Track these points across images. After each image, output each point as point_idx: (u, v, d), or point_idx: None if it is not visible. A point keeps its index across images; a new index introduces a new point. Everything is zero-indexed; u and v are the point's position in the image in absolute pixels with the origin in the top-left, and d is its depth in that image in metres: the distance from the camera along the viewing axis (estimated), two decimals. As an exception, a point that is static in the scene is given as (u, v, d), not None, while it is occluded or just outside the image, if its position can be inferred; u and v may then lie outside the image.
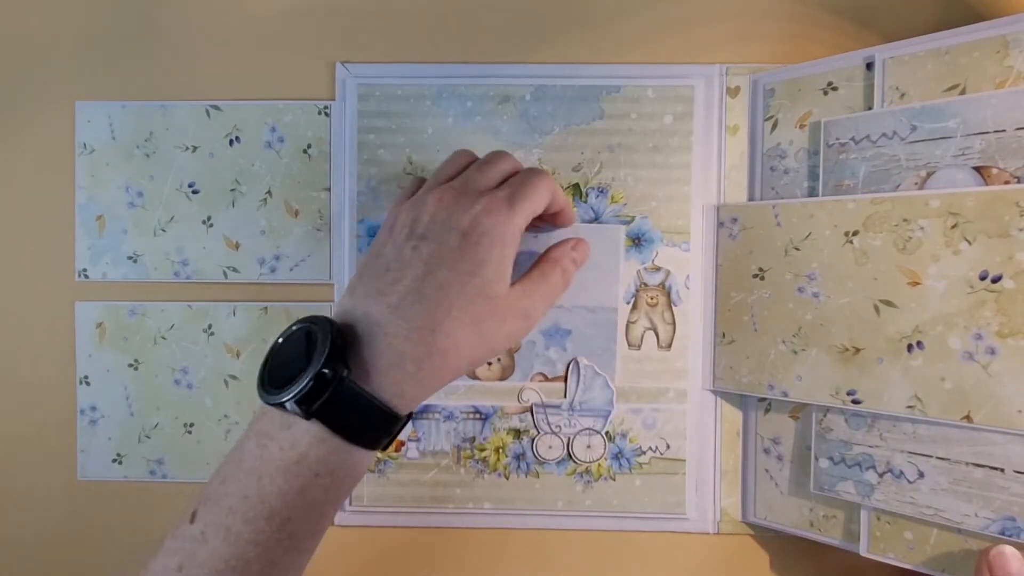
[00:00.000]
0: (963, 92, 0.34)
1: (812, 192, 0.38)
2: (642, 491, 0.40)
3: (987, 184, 0.33)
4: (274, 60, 0.41)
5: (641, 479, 0.40)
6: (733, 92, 0.40)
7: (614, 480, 0.40)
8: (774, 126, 0.40)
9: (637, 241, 0.40)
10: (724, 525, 0.41)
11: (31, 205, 0.42)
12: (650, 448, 0.40)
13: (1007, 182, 0.32)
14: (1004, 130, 0.32)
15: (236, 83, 0.41)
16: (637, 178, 0.40)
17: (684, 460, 0.40)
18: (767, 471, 0.40)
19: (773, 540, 0.41)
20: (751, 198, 0.40)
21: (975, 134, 0.33)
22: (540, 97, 0.40)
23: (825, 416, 0.37)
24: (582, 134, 0.40)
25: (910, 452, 0.35)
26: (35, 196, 0.42)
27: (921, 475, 0.34)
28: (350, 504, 0.41)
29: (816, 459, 0.37)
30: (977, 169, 0.33)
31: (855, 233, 0.35)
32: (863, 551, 0.36)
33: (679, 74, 0.40)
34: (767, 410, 0.40)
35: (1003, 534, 0.32)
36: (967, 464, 0.33)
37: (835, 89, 0.38)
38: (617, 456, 0.40)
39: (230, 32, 0.41)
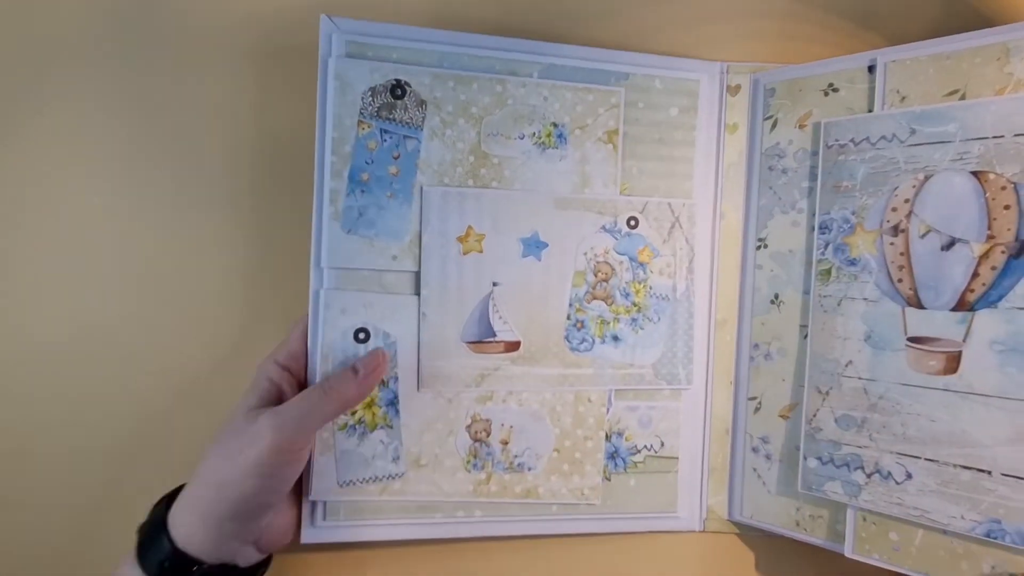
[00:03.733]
0: (963, 97, 0.34)
1: (811, 192, 0.38)
2: (636, 491, 0.39)
3: (984, 188, 0.33)
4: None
5: (636, 479, 0.39)
6: (733, 90, 0.40)
7: (609, 480, 0.39)
8: (773, 125, 0.40)
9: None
10: (710, 523, 0.41)
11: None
12: (645, 447, 0.40)
13: (1004, 187, 0.32)
14: (1003, 136, 0.32)
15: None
16: (642, 170, 0.39)
17: (677, 458, 0.40)
18: (755, 470, 0.40)
19: (759, 539, 0.41)
20: (748, 197, 0.40)
21: (974, 139, 0.33)
22: (548, 76, 0.38)
23: (815, 416, 0.37)
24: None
25: (899, 453, 0.35)
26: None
27: (909, 476, 0.34)
28: (324, 519, 0.36)
29: (805, 458, 0.37)
30: (975, 174, 0.33)
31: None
32: (848, 552, 0.36)
33: (686, 67, 0.40)
34: (757, 409, 0.40)
35: (988, 536, 0.32)
36: (955, 466, 0.33)
37: (836, 91, 0.38)
38: (613, 456, 0.39)
39: None
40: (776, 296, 0.39)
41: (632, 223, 0.39)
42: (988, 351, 0.32)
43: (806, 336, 0.38)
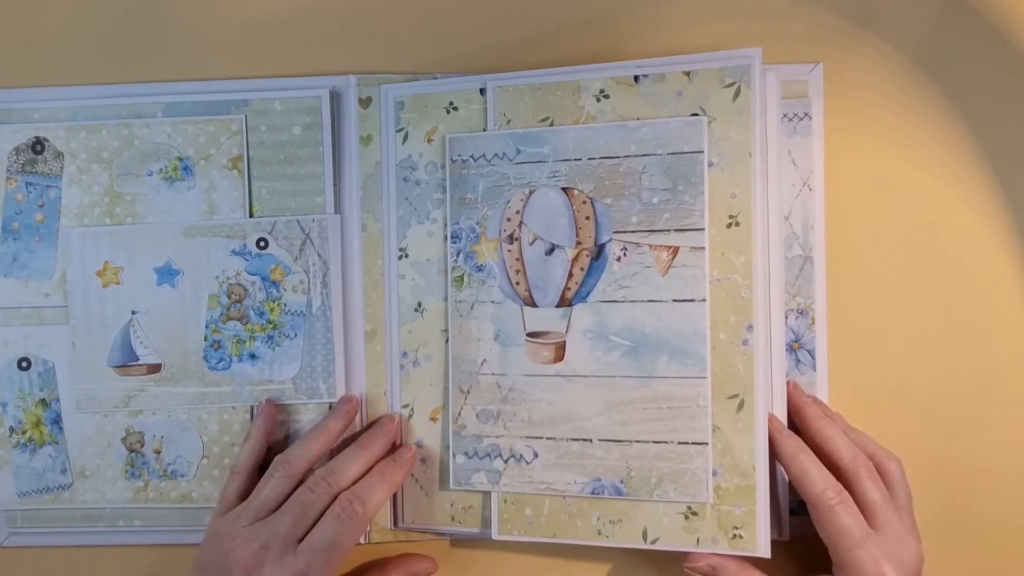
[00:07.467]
0: (552, 124, 0.39)
1: (442, 204, 0.40)
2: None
3: (571, 202, 0.39)
4: None
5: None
6: (365, 103, 0.41)
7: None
8: (405, 138, 0.41)
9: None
10: (375, 535, 0.41)
11: None
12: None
13: (584, 201, 0.39)
14: (580, 158, 0.39)
15: None
16: (271, 191, 0.41)
17: None
18: (412, 475, 0.41)
19: (428, 543, 0.42)
20: (387, 208, 0.41)
21: (562, 160, 0.39)
22: (170, 114, 0.41)
23: (460, 414, 0.40)
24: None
25: (527, 436, 0.39)
26: None
27: (536, 455, 0.39)
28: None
29: (454, 456, 0.40)
30: (564, 190, 0.39)
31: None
32: (494, 534, 0.39)
33: (304, 86, 0.41)
34: (411, 415, 0.41)
35: (593, 493, 0.38)
36: (568, 440, 0.39)
37: (456, 109, 0.40)
38: None
39: None
40: (419, 304, 0.41)
41: (262, 244, 0.40)
42: (583, 339, 0.39)
43: (447, 340, 0.40)
